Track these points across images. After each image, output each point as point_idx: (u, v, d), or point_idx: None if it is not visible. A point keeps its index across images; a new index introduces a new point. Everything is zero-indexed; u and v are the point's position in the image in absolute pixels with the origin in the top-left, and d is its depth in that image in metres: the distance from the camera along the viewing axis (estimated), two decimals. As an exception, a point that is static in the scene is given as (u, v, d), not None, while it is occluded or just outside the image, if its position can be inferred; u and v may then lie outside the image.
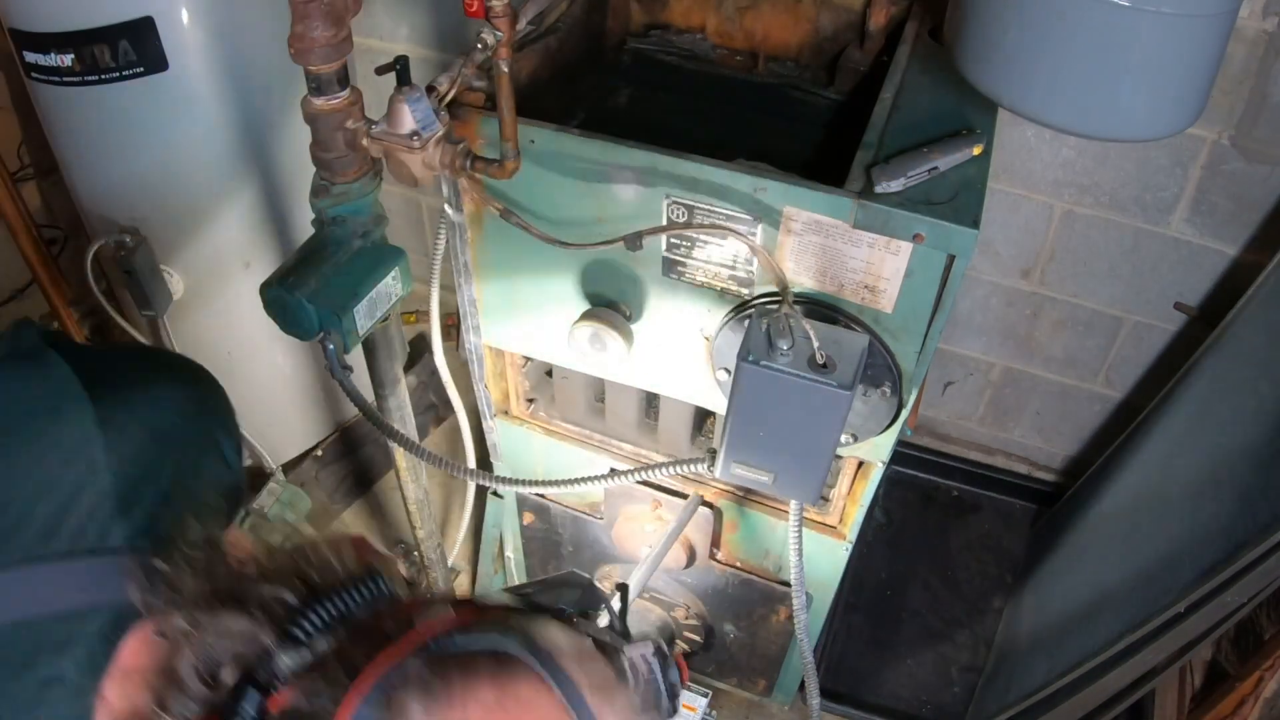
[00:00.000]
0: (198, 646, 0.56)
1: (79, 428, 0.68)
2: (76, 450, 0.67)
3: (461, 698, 0.52)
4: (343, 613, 0.57)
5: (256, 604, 0.56)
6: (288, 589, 0.57)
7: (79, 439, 0.67)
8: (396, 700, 0.51)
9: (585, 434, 1.61)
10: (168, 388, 0.75)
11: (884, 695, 2.00)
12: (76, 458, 0.67)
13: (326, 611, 0.56)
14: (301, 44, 1.02)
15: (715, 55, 1.62)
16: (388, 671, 0.53)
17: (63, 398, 0.69)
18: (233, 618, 0.56)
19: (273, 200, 1.80)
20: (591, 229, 1.21)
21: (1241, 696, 1.40)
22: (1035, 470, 2.38)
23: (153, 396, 0.73)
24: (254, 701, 0.53)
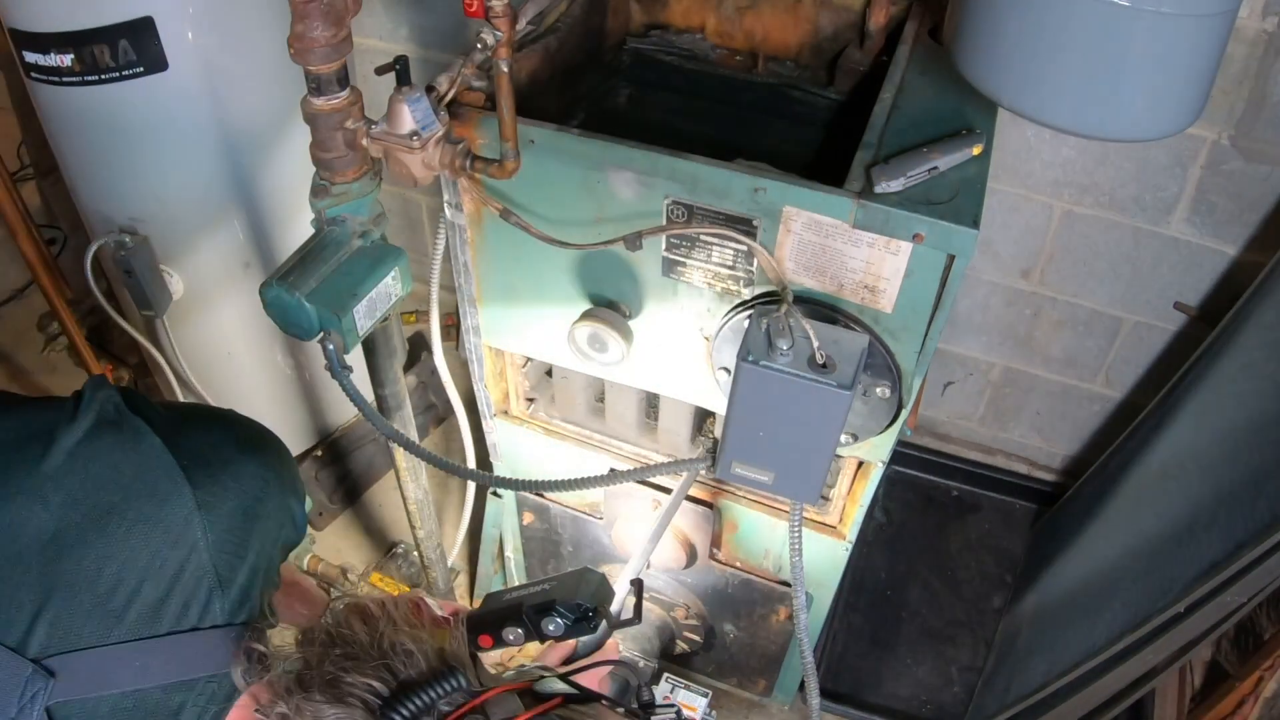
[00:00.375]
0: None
1: (180, 509, 0.72)
2: (179, 532, 0.71)
3: None
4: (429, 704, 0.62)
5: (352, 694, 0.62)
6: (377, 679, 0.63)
7: (180, 521, 0.72)
8: None
9: (585, 434, 1.61)
10: (252, 465, 0.79)
11: (884, 695, 2.00)
12: (180, 539, 0.71)
13: (415, 703, 0.62)
14: (301, 44, 1.02)
15: (715, 55, 1.62)
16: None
17: (161, 478, 0.73)
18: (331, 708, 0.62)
19: (272, 200, 1.81)
20: (591, 229, 1.21)
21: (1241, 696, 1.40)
22: (1035, 470, 2.38)
23: (240, 475, 0.77)
24: None
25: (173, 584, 0.70)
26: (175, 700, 0.69)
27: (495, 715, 0.63)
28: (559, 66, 1.42)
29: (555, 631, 1.00)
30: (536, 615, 1.00)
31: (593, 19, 1.51)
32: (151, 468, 0.73)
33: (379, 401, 1.45)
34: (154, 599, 0.70)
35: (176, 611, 0.70)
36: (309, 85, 1.06)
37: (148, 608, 0.69)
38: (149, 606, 0.69)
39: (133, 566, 0.70)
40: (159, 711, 0.68)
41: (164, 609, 0.70)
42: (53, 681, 0.66)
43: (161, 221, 1.72)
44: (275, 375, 2.05)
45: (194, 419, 0.84)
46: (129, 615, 0.69)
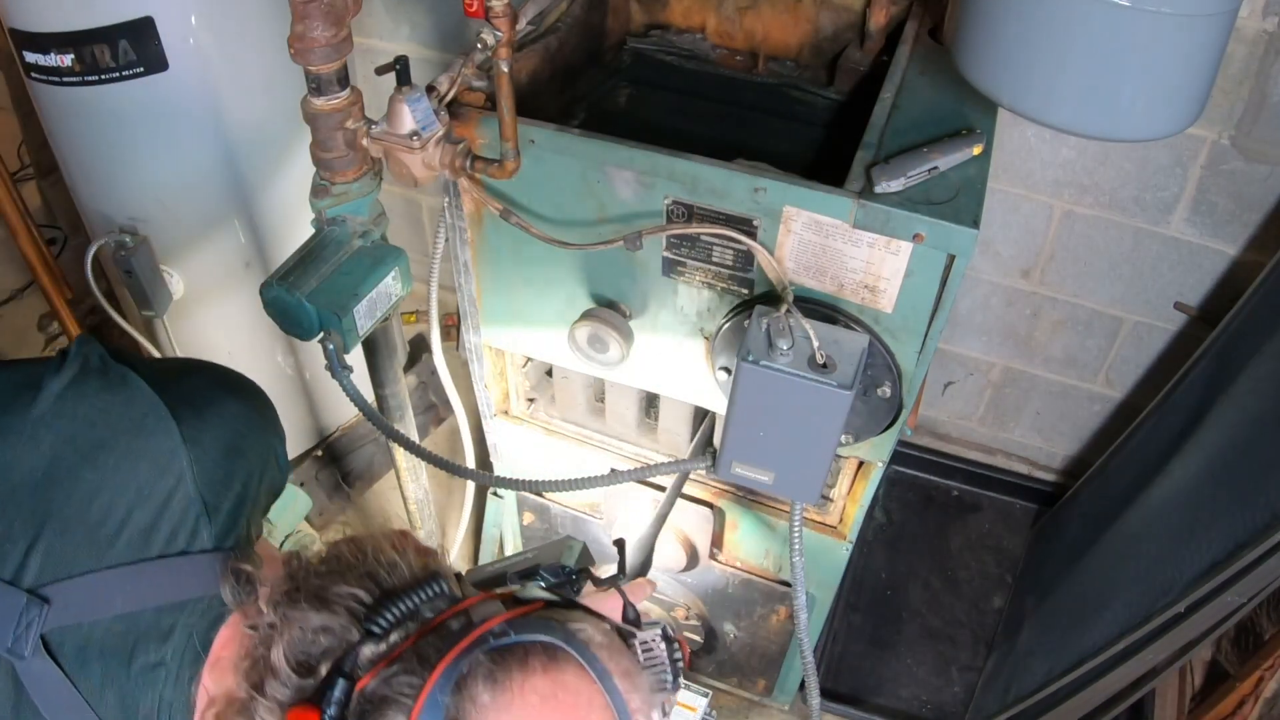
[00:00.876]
0: (288, 639, 0.65)
1: (167, 442, 0.75)
2: (166, 463, 0.75)
3: (520, 685, 0.63)
4: (413, 610, 0.66)
5: (337, 602, 0.66)
6: (362, 589, 0.67)
7: (168, 453, 0.75)
8: (466, 686, 0.61)
9: (585, 434, 1.61)
10: (235, 406, 0.83)
11: (884, 695, 2.00)
12: (167, 470, 0.74)
13: (399, 609, 0.65)
14: (301, 44, 1.02)
15: (715, 55, 1.62)
16: (456, 660, 0.62)
17: (148, 413, 0.76)
18: (318, 615, 0.65)
19: (272, 200, 1.80)
20: (591, 229, 1.21)
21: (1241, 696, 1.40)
22: (1035, 470, 2.38)
23: (223, 413, 0.81)
24: (343, 689, 0.62)
25: (161, 511, 0.73)
26: (166, 622, 0.71)
27: (477, 617, 0.66)
28: (559, 66, 1.42)
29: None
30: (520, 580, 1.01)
31: (593, 19, 1.51)
32: (138, 406, 0.76)
33: (379, 401, 1.45)
34: (144, 525, 0.73)
35: (165, 537, 0.73)
36: (309, 85, 1.06)
37: (138, 534, 0.72)
38: (139, 533, 0.72)
39: (123, 495, 0.73)
40: (150, 633, 0.71)
41: (154, 535, 0.73)
42: (47, 609, 0.69)
43: (161, 221, 1.72)
44: (275, 375, 2.05)
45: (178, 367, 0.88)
46: (120, 541, 0.72)
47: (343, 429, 2.27)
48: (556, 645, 0.66)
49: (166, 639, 0.71)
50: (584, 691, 0.66)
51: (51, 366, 0.78)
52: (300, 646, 0.65)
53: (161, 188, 1.70)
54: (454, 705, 0.61)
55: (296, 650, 0.65)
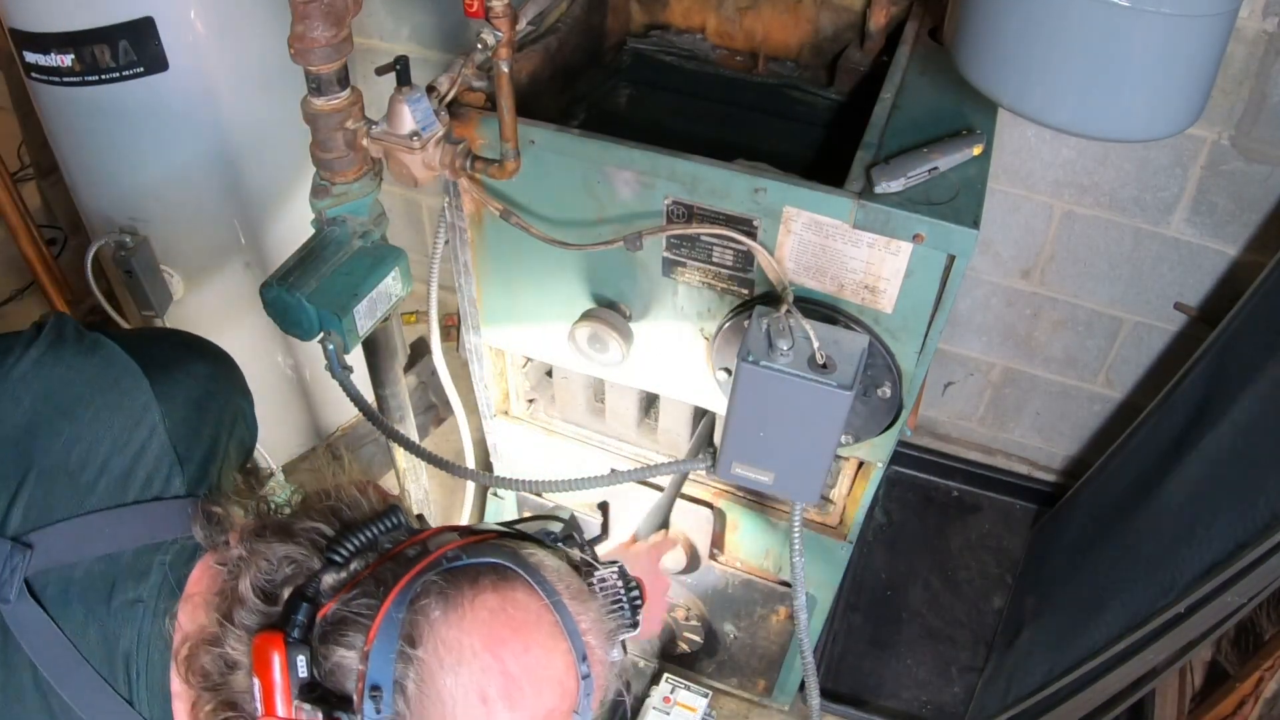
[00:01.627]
0: (254, 570, 0.69)
1: (140, 397, 0.80)
2: (140, 416, 0.80)
3: (470, 600, 0.67)
4: (371, 540, 0.71)
5: (301, 535, 0.71)
6: (324, 522, 0.72)
7: (140, 406, 0.80)
8: (419, 603, 0.66)
9: (585, 434, 1.61)
10: (201, 365, 0.89)
11: (884, 695, 2.00)
12: (141, 422, 0.79)
13: (359, 539, 0.70)
14: (301, 44, 1.02)
15: (715, 55, 1.62)
16: (411, 581, 0.67)
17: (122, 373, 0.81)
18: (282, 546, 0.70)
19: (272, 201, 1.80)
20: (591, 229, 1.21)
21: (1241, 696, 1.40)
22: (1035, 470, 2.38)
23: (191, 372, 0.87)
24: (305, 612, 0.66)
25: (136, 460, 0.78)
26: (143, 562, 0.75)
27: (433, 545, 0.70)
28: (559, 66, 1.42)
29: None
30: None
31: (593, 19, 1.51)
32: (113, 367, 0.82)
33: (379, 401, 1.45)
34: (120, 473, 0.77)
35: (141, 483, 0.78)
36: (309, 85, 1.06)
37: (115, 481, 0.77)
38: (116, 480, 0.77)
39: (99, 445, 0.77)
40: (128, 572, 0.74)
41: (130, 481, 0.77)
42: (30, 554, 0.72)
43: (161, 221, 1.72)
44: (275, 375, 2.05)
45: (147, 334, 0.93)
46: (98, 488, 0.76)
47: (343, 429, 2.27)
48: (507, 566, 0.70)
49: (144, 578, 0.74)
50: (532, 608, 0.70)
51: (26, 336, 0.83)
52: (266, 576, 0.69)
53: (161, 188, 1.70)
54: (408, 621, 0.65)
55: (262, 580, 0.69)
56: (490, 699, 0.66)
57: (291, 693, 0.65)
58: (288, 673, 0.65)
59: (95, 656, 0.73)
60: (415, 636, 0.65)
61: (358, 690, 0.65)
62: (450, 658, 0.65)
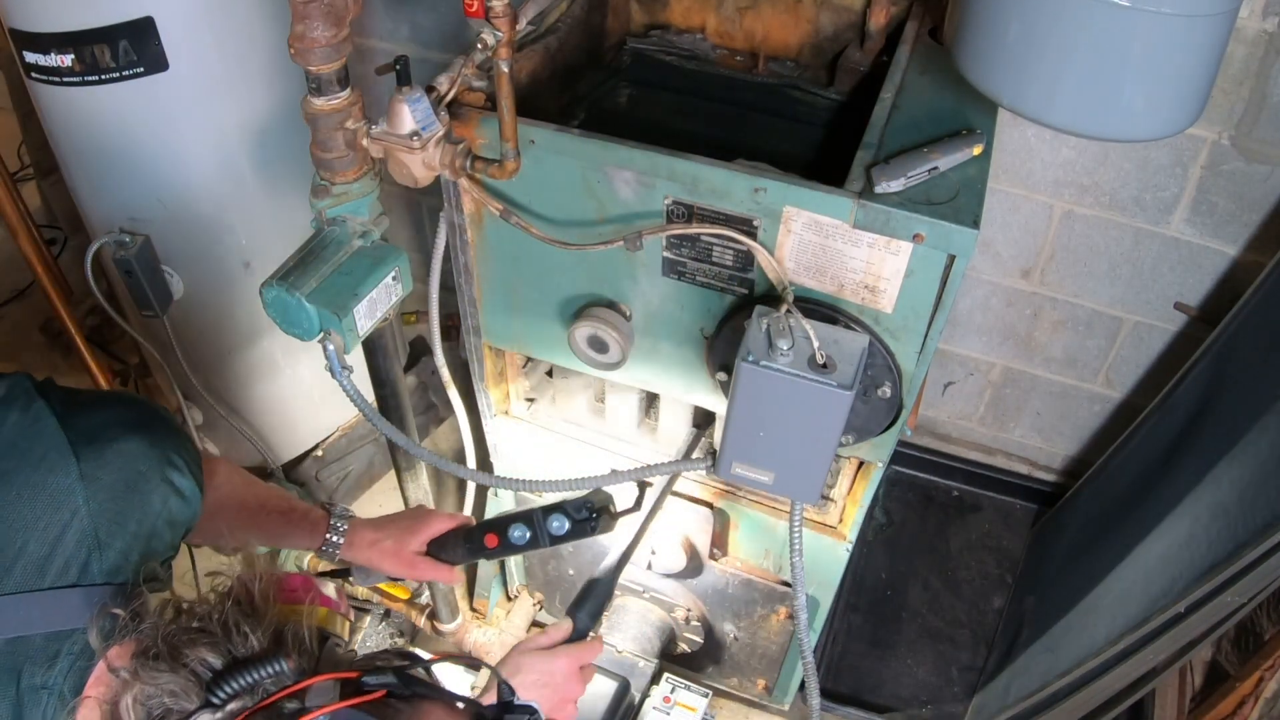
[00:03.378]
0: (136, 693, 0.69)
1: (65, 479, 0.81)
2: (62, 499, 0.80)
3: None
4: (253, 684, 0.69)
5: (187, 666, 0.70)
6: (212, 653, 0.71)
7: (65, 489, 0.80)
8: None
9: (585, 434, 1.61)
10: (135, 443, 0.88)
11: (884, 695, 2.00)
12: (63, 505, 0.80)
13: (240, 682, 0.69)
14: (301, 44, 1.02)
15: (715, 55, 1.62)
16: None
17: (50, 450, 0.82)
18: (167, 675, 0.69)
19: (272, 200, 1.80)
20: (591, 229, 1.21)
21: (1241, 696, 1.40)
22: (1035, 470, 2.38)
23: (123, 451, 0.86)
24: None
25: (55, 545, 0.79)
26: (52, 648, 0.76)
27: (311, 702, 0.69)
28: (559, 66, 1.42)
29: (559, 530, 1.10)
30: (544, 515, 1.11)
31: (593, 19, 1.51)
32: (44, 442, 0.82)
33: (379, 401, 1.45)
34: (38, 557, 0.78)
35: (58, 569, 0.78)
36: (309, 85, 1.06)
37: (32, 564, 0.78)
38: (33, 563, 0.78)
39: (20, 527, 0.78)
40: (38, 657, 0.76)
41: (47, 566, 0.78)
42: None
43: (161, 221, 1.72)
44: (275, 375, 2.05)
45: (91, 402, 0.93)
46: (15, 570, 0.77)
47: (342, 429, 2.27)
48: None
49: (52, 664, 0.76)
50: None
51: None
52: (147, 703, 0.69)
53: (161, 188, 1.70)
54: None
55: (143, 706, 0.69)
56: None
57: None
58: None
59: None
60: None
61: None
62: None
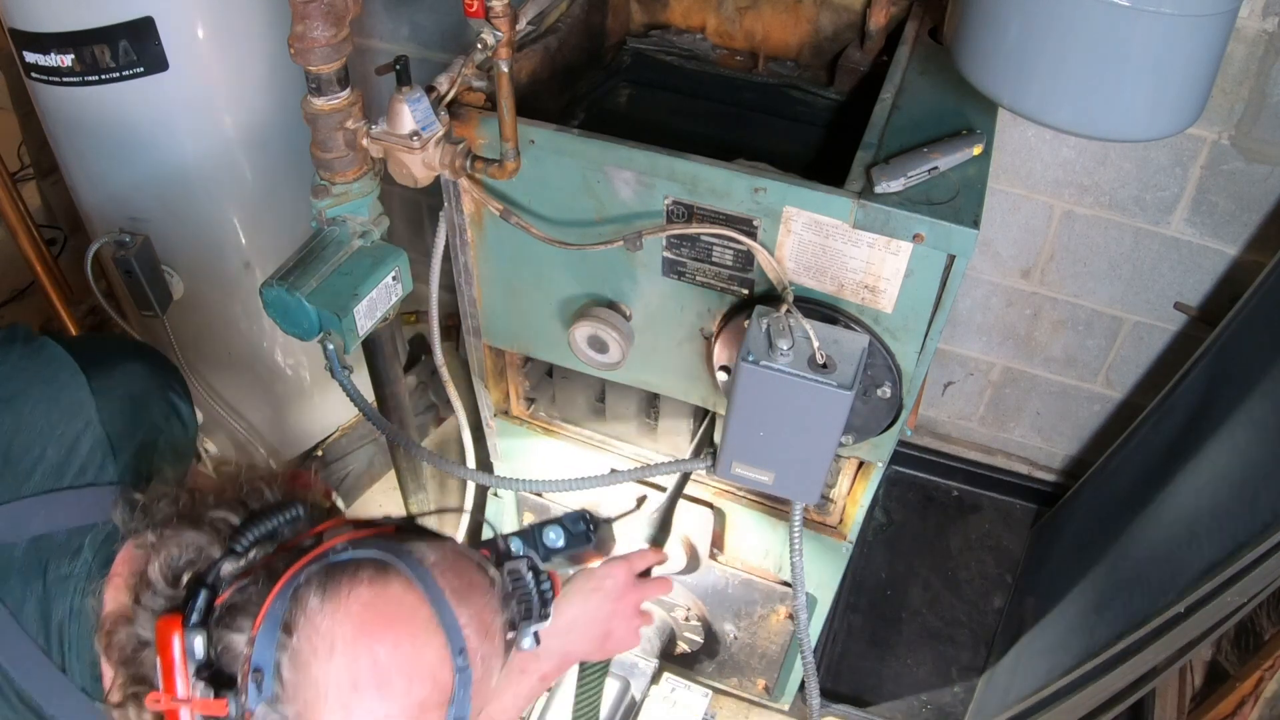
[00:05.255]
0: (163, 555, 0.75)
1: (77, 392, 0.87)
2: (76, 409, 0.87)
3: (346, 593, 0.71)
4: (271, 531, 0.76)
5: (208, 524, 0.76)
6: (231, 512, 0.77)
7: (78, 401, 0.87)
8: (300, 595, 0.70)
9: (585, 434, 1.61)
10: (137, 365, 0.96)
11: (884, 695, 2.00)
12: (77, 414, 0.86)
13: (259, 530, 0.75)
14: (301, 44, 1.02)
15: (715, 55, 1.62)
16: (296, 573, 0.71)
17: (61, 370, 0.89)
18: (190, 534, 0.75)
19: (272, 200, 1.80)
20: (591, 229, 1.21)
21: (1241, 696, 1.40)
22: (1035, 470, 2.38)
23: (127, 371, 0.94)
24: (204, 598, 0.71)
25: (72, 449, 0.85)
26: (75, 542, 0.81)
27: (328, 537, 0.75)
28: (559, 66, 1.42)
29: (554, 542, 1.12)
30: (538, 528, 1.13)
31: (593, 19, 1.51)
32: (54, 364, 0.89)
33: (379, 401, 1.45)
34: (56, 461, 0.84)
35: (76, 471, 0.84)
36: (309, 85, 1.06)
37: (51, 468, 0.84)
38: (52, 467, 0.84)
39: (38, 436, 0.85)
40: (62, 551, 0.81)
41: (65, 469, 0.84)
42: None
43: (161, 221, 1.72)
44: (275, 375, 2.05)
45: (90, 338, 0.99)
46: (36, 474, 0.83)
47: (343, 429, 2.27)
48: (386, 560, 0.74)
49: (75, 556, 0.81)
50: (407, 601, 0.73)
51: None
52: (173, 562, 0.74)
53: (161, 188, 1.70)
54: (289, 611, 0.70)
55: (169, 565, 0.74)
56: (361, 687, 0.70)
57: (188, 672, 0.70)
58: (185, 654, 0.70)
59: (32, 628, 0.79)
60: (292, 625, 0.70)
61: (243, 672, 0.70)
62: (323, 646, 0.70)
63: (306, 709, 0.70)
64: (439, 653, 0.73)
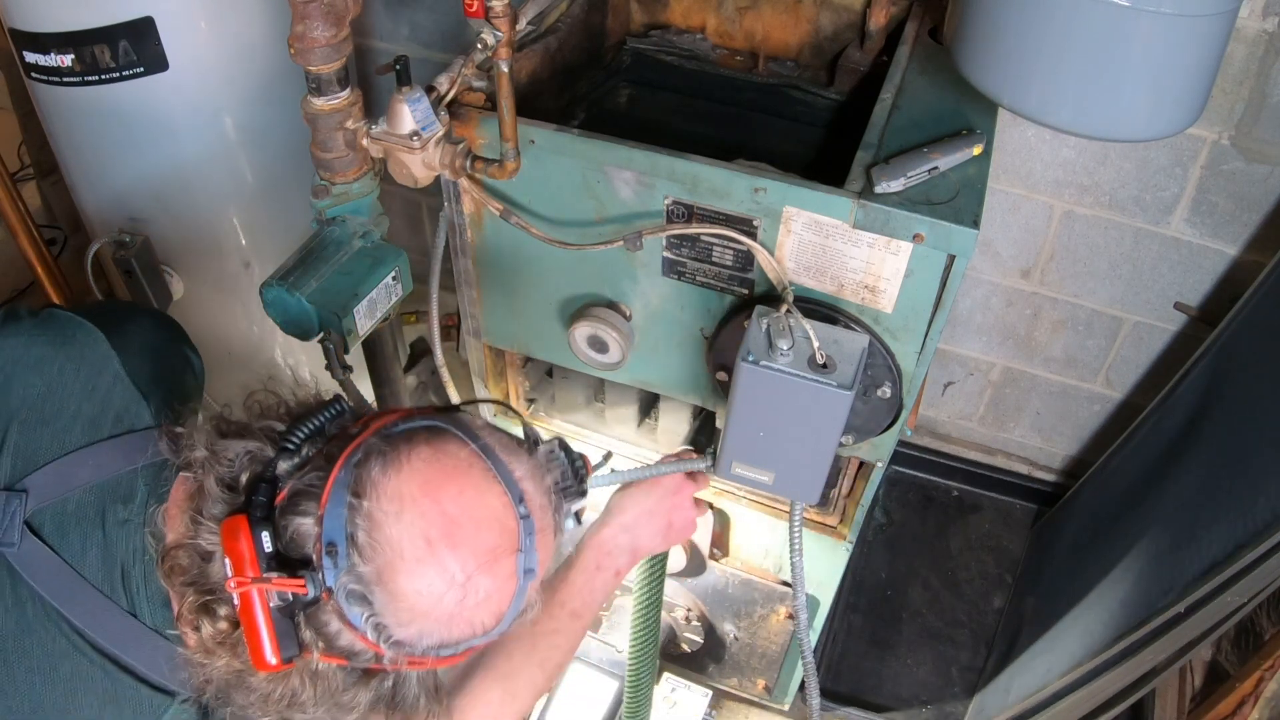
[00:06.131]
0: (217, 467, 0.77)
1: (99, 348, 0.91)
2: (101, 364, 0.90)
3: (407, 455, 0.75)
4: (319, 427, 0.79)
5: (256, 431, 0.79)
6: (276, 420, 0.81)
7: (101, 356, 0.90)
8: (362, 465, 0.74)
9: (585, 434, 1.61)
10: (148, 321, 1.00)
11: (884, 695, 2.00)
12: (104, 369, 0.90)
13: (307, 428, 0.78)
14: (301, 44, 1.02)
15: (715, 55, 1.62)
16: (354, 450, 0.75)
17: (77, 330, 0.92)
18: (240, 442, 0.78)
19: (272, 200, 1.80)
20: (591, 229, 1.21)
21: (1241, 696, 1.40)
22: (1035, 470, 2.38)
23: (141, 325, 0.98)
24: (265, 492, 0.74)
25: (105, 402, 0.88)
26: (125, 485, 0.83)
27: (373, 425, 0.78)
28: (559, 66, 1.42)
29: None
30: None
31: (593, 19, 1.51)
32: (69, 328, 0.92)
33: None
34: (92, 414, 0.87)
35: (112, 420, 0.87)
36: (309, 85, 1.06)
37: (88, 422, 0.86)
38: (89, 421, 0.86)
39: (70, 394, 0.87)
40: (114, 496, 0.83)
41: (102, 420, 0.87)
42: (25, 498, 0.81)
43: (161, 221, 1.72)
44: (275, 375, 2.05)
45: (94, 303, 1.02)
46: (75, 430, 0.85)
47: (343, 429, 2.27)
48: (439, 425, 0.78)
49: (129, 499, 0.83)
50: (463, 455, 0.77)
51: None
52: (227, 470, 0.77)
53: (161, 188, 1.70)
54: (353, 480, 0.73)
55: (225, 474, 0.77)
56: (434, 540, 0.73)
57: (259, 564, 0.71)
58: (254, 546, 0.71)
59: (97, 577, 0.80)
60: (360, 490, 0.72)
61: (316, 551, 0.72)
62: (392, 506, 0.72)
63: (386, 568, 0.71)
64: (501, 500, 0.77)
